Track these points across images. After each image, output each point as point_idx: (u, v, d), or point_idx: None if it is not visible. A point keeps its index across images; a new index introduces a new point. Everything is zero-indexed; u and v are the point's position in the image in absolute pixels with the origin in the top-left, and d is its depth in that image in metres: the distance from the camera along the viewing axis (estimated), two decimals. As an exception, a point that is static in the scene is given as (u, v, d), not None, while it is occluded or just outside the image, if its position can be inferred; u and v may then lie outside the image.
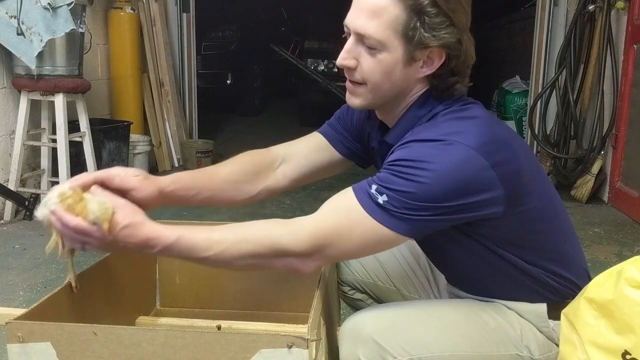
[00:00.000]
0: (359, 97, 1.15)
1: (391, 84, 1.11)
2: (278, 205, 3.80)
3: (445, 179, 1.01)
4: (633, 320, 0.89)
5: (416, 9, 1.04)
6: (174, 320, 1.59)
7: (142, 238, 1.08)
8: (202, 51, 7.61)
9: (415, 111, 1.15)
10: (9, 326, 1.01)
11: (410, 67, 1.09)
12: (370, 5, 1.05)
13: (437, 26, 1.05)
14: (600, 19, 3.88)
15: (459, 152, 1.02)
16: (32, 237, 3.06)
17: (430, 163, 1.02)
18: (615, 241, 3.21)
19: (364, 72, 1.10)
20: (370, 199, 1.04)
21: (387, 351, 1.12)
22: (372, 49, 1.07)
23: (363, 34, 1.07)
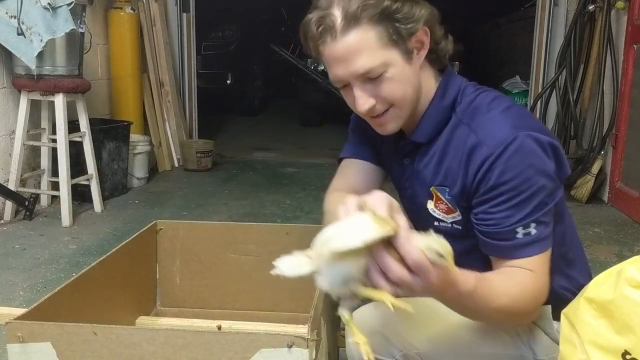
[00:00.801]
0: (391, 121, 1.15)
1: (411, 88, 1.12)
2: (278, 206, 3.80)
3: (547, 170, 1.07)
4: (633, 320, 0.89)
5: (384, 16, 1.05)
6: (174, 320, 1.59)
7: (449, 279, 0.95)
8: (202, 51, 7.61)
9: (438, 103, 1.17)
10: (9, 326, 1.01)
11: (412, 60, 1.11)
12: (348, 49, 1.06)
13: (408, 14, 1.07)
14: (600, 19, 3.88)
15: (531, 142, 1.06)
16: (32, 237, 3.06)
17: (526, 171, 1.05)
18: (615, 241, 3.21)
19: (386, 98, 1.11)
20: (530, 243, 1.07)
21: (393, 345, 1.13)
22: (379, 76, 1.08)
23: (364, 72, 1.07)
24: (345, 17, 1.04)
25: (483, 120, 1.11)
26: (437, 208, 1.19)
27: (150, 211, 3.60)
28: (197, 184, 4.34)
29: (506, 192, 1.06)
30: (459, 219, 1.17)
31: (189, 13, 5.10)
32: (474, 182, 1.09)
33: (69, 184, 3.28)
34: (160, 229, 1.66)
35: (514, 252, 1.08)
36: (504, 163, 1.05)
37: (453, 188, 1.14)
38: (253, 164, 5.18)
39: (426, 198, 1.20)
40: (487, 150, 1.07)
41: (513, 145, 1.05)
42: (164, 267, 1.68)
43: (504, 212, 1.06)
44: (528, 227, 1.06)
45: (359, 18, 1.04)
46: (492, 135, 1.08)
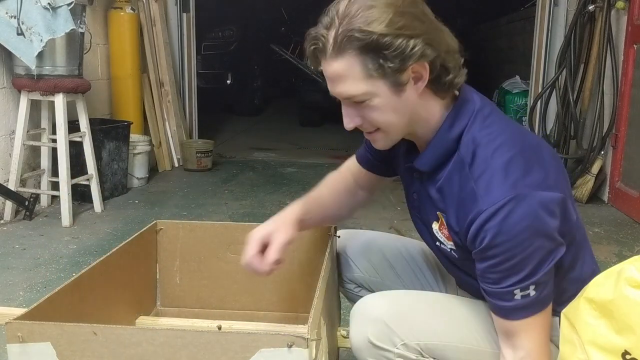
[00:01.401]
0: (380, 140, 1.17)
1: (399, 116, 1.11)
2: (278, 205, 3.80)
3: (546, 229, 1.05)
4: (633, 320, 0.89)
5: (370, 49, 1.03)
6: (174, 320, 1.59)
7: None
8: (202, 51, 7.61)
9: (444, 135, 1.14)
10: (9, 326, 1.01)
11: (404, 92, 1.08)
12: (335, 73, 1.08)
13: (399, 50, 1.03)
14: (600, 19, 3.88)
15: (531, 204, 1.04)
16: (32, 237, 3.06)
17: (521, 234, 1.03)
18: (615, 241, 3.21)
19: (372, 122, 1.12)
20: (528, 306, 1.08)
21: (396, 334, 1.14)
22: (363, 101, 1.09)
23: (347, 97, 1.09)
24: (334, 44, 1.05)
25: (485, 169, 1.08)
26: (441, 231, 1.20)
27: (150, 211, 3.60)
28: (197, 184, 4.34)
29: (500, 254, 1.05)
30: (454, 248, 1.18)
31: (189, 13, 5.09)
32: (467, 234, 1.09)
33: (69, 184, 3.28)
34: (160, 229, 1.66)
35: (511, 313, 1.09)
36: (498, 225, 1.03)
37: (450, 224, 1.15)
38: (253, 164, 5.18)
39: (433, 218, 1.21)
40: (481, 207, 1.05)
41: (507, 207, 1.03)
42: (164, 267, 1.68)
43: (501, 273, 1.07)
44: (526, 290, 1.06)
45: (344, 48, 1.04)
46: (489, 192, 1.05)
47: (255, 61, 8.34)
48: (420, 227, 1.29)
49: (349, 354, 1.77)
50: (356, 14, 1.03)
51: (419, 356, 1.15)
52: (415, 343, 1.15)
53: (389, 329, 1.14)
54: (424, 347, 1.15)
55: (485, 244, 1.05)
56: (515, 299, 1.07)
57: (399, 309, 1.18)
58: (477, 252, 1.08)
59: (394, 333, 1.14)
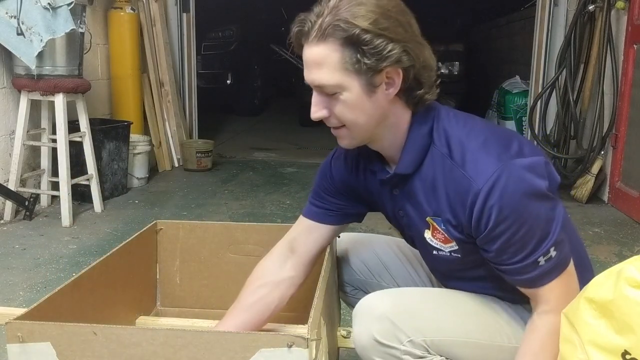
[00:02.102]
0: (345, 138, 1.18)
1: (366, 116, 1.12)
2: (278, 205, 3.80)
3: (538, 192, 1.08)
4: (633, 320, 0.89)
5: (351, 42, 1.06)
6: (174, 320, 1.59)
7: None
8: (202, 51, 7.60)
9: (416, 132, 1.16)
10: (9, 326, 1.01)
11: (375, 94, 1.10)
12: (313, 59, 1.10)
13: (377, 49, 1.06)
14: (600, 19, 3.88)
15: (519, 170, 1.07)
16: (32, 237, 3.06)
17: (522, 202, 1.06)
18: (615, 241, 3.21)
19: (337, 116, 1.13)
20: (553, 268, 1.10)
21: (401, 330, 1.14)
22: (333, 94, 1.11)
23: (319, 85, 1.11)
24: (319, 29, 1.08)
25: (466, 153, 1.11)
26: (435, 237, 1.20)
27: (150, 211, 3.60)
28: (197, 184, 4.34)
29: (510, 227, 1.07)
30: (455, 249, 1.18)
31: (189, 13, 5.09)
32: (471, 220, 1.10)
33: (69, 184, 3.28)
34: (160, 229, 1.66)
35: (537, 281, 1.11)
36: (499, 200, 1.06)
37: (446, 220, 1.16)
38: (253, 164, 5.18)
39: (423, 227, 1.21)
40: (477, 187, 1.08)
41: (502, 178, 1.06)
42: (164, 267, 1.68)
43: (516, 246, 1.08)
44: (548, 253, 1.09)
45: (328, 35, 1.07)
46: (479, 171, 1.08)
47: (255, 61, 8.33)
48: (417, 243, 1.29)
49: (349, 354, 1.77)
50: (345, 7, 1.06)
51: (425, 352, 1.15)
52: (421, 339, 1.15)
53: (395, 326, 1.14)
54: (430, 343, 1.15)
55: (493, 223, 1.07)
56: (540, 266, 1.09)
57: (403, 305, 1.18)
58: (486, 234, 1.09)
59: (399, 330, 1.14)
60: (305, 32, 1.10)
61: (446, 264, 1.23)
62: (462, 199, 1.10)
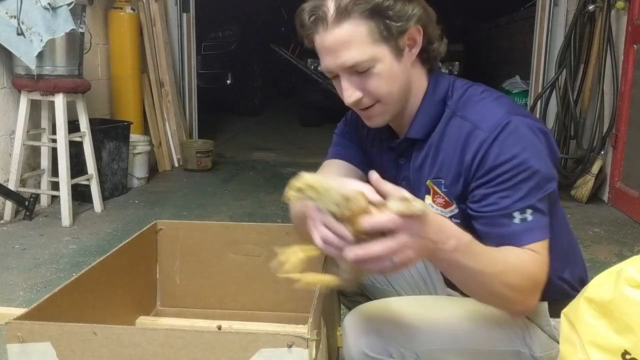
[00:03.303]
0: (378, 116, 1.17)
1: (399, 85, 1.13)
2: (278, 205, 3.80)
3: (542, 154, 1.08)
4: (633, 320, 0.89)
5: (375, 11, 1.07)
6: (174, 320, 1.59)
7: (444, 224, 0.96)
8: (202, 51, 7.60)
9: (430, 98, 1.18)
10: (9, 326, 1.01)
11: (402, 58, 1.12)
12: (338, 40, 1.08)
13: (401, 12, 1.08)
14: (600, 19, 3.88)
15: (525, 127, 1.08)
16: (32, 237, 3.06)
17: (522, 154, 1.06)
18: (615, 241, 3.21)
19: (372, 93, 1.12)
20: (528, 230, 1.07)
21: (390, 344, 1.13)
22: (366, 70, 1.10)
23: (351, 65, 1.09)
24: (338, 9, 1.07)
25: (476, 107, 1.14)
26: (435, 202, 1.20)
27: (150, 211, 3.60)
28: (197, 184, 4.34)
29: (502, 173, 1.07)
30: (456, 212, 1.18)
31: (189, 13, 5.09)
32: (471, 167, 1.10)
33: (69, 184, 3.28)
34: (160, 229, 1.66)
35: (512, 239, 1.07)
36: (500, 145, 1.07)
37: (448, 178, 1.16)
38: (253, 164, 5.18)
39: (424, 193, 1.21)
40: (482, 133, 1.09)
41: (508, 128, 1.07)
42: (164, 267, 1.68)
43: (500, 193, 1.07)
44: (524, 213, 1.06)
45: (351, 11, 1.06)
46: (486, 119, 1.10)
47: (255, 61, 8.33)
48: None
49: None
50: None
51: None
52: (411, 351, 1.13)
53: (383, 339, 1.13)
54: (420, 353, 1.14)
55: (488, 166, 1.08)
56: (514, 222, 1.06)
57: (390, 317, 1.17)
58: (478, 177, 1.09)
59: (388, 343, 1.13)
60: (322, 17, 1.08)
61: None
62: (468, 147, 1.11)
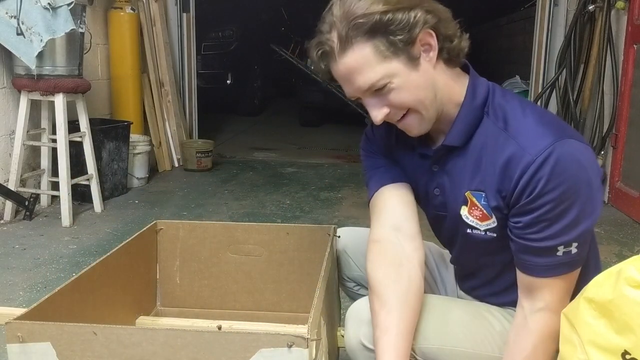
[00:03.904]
0: (415, 124, 1.15)
1: (424, 91, 1.11)
2: (278, 205, 3.80)
3: (588, 179, 1.06)
4: (633, 320, 0.89)
5: (376, 30, 1.06)
6: (174, 320, 1.59)
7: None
8: (202, 51, 7.61)
9: (470, 104, 1.15)
10: (9, 326, 1.01)
11: (420, 65, 1.10)
12: (349, 68, 1.09)
13: (402, 22, 1.06)
14: (600, 19, 3.88)
15: (575, 151, 1.06)
16: (32, 237, 3.06)
17: (570, 179, 1.04)
18: (615, 241, 3.21)
19: (399, 104, 1.11)
20: (567, 263, 1.08)
21: None
22: (384, 87, 1.09)
23: (369, 87, 1.09)
24: (340, 39, 1.07)
25: (522, 126, 1.09)
26: (471, 214, 1.17)
27: (150, 211, 3.60)
28: (197, 184, 4.34)
29: (550, 201, 1.04)
30: (493, 226, 1.15)
31: (189, 13, 5.09)
32: (515, 190, 1.07)
33: (69, 184, 3.28)
34: (161, 229, 1.66)
35: (545, 271, 1.08)
36: (550, 172, 1.03)
37: (489, 194, 1.12)
38: (253, 164, 5.18)
39: (460, 204, 1.18)
40: (530, 158, 1.05)
41: (556, 152, 1.04)
42: (164, 267, 1.68)
43: (546, 222, 1.06)
44: (569, 246, 1.07)
45: (352, 37, 1.06)
46: (534, 143, 1.06)
47: (255, 61, 8.34)
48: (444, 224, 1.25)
49: (348, 354, 1.77)
50: (352, 6, 1.06)
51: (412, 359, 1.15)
52: None
53: None
54: (417, 350, 1.15)
55: (536, 193, 1.05)
56: (556, 255, 1.07)
57: None
58: (525, 203, 1.07)
59: None
60: (328, 51, 1.10)
61: (477, 246, 1.19)
62: (511, 170, 1.08)
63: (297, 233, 1.62)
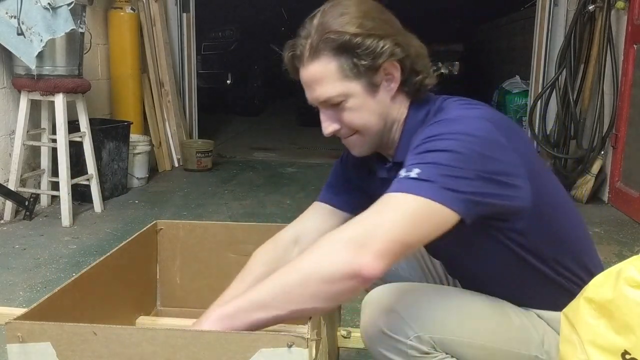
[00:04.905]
0: (357, 145, 1.21)
1: (376, 117, 1.16)
2: (278, 206, 3.80)
3: (468, 140, 1.03)
4: (632, 320, 0.89)
5: (344, 49, 1.11)
6: (174, 320, 1.59)
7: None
8: (202, 51, 7.61)
9: (412, 119, 1.18)
10: (9, 326, 1.01)
11: (379, 93, 1.15)
12: (312, 77, 1.14)
13: (370, 49, 1.10)
14: (600, 19, 3.88)
15: (475, 121, 1.07)
16: (32, 237, 3.06)
17: (449, 133, 1.04)
18: (615, 241, 3.21)
19: (348, 124, 1.17)
20: (408, 180, 1.01)
21: (409, 325, 1.14)
22: (339, 103, 1.14)
23: (325, 99, 1.15)
24: (310, 47, 1.13)
25: (442, 114, 1.13)
26: None
27: (150, 211, 3.60)
28: (197, 184, 4.34)
29: (417, 147, 1.05)
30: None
31: (189, 13, 5.10)
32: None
33: (69, 184, 3.29)
34: (161, 229, 1.66)
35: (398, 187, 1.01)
36: (433, 127, 1.07)
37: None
38: (253, 164, 5.19)
39: None
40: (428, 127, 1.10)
41: (450, 120, 1.08)
42: (164, 267, 1.68)
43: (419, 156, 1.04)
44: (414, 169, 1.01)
45: (321, 49, 1.12)
46: (431, 120, 1.12)
47: (255, 61, 8.34)
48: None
49: (349, 354, 1.78)
50: (330, 20, 1.12)
51: (431, 349, 1.15)
52: (428, 336, 1.14)
53: (403, 321, 1.14)
54: (437, 340, 1.15)
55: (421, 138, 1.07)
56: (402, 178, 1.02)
57: (413, 301, 1.17)
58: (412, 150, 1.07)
59: (407, 325, 1.13)
60: (298, 55, 1.15)
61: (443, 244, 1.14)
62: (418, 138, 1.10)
63: None
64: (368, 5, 1.14)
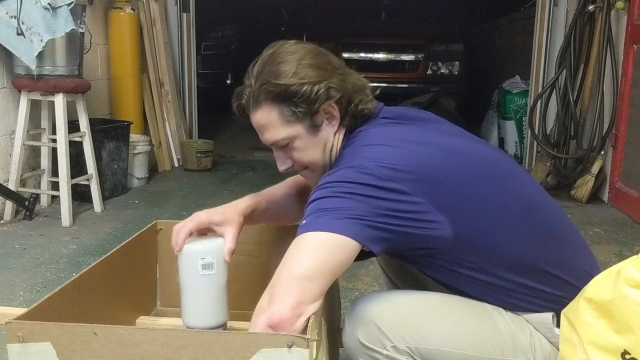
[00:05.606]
0: (310, 177, 1.32)
1: (320, 152, 1.25)
2: (278, 205, 3.80)
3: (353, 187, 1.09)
4: (632, 320, 0.89)
5: (281, 98, 1.19)
6: (174, 320, 1.59)
7: None
8: (202, 51, 7.60)
9: (341, 150, 1.27)
10: (9, 326, 1.01)
11: (320, 131, 1.23)
12: (258, 123, 1.24)
13: (305, 96, 1.18)
14: (600, 19, 3.88)
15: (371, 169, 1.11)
16: (32, 237, 3.06)
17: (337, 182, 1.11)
18: (615, 241, 3.21)
19: (298, 161, 1.27)
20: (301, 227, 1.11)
21: (385, 336, 1.15)
22: (287, 145, 1.24)
23: (273, 142, 1.25)
24: (252, 98, 1.23)
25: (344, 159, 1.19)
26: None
27: (150, 211, 3.60)
28: (197, 184, 4.35)
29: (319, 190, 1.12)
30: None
31: (189, 13, 5.10)
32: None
33: (69, 184, 3.29)
34: (160, 229, 1.66)
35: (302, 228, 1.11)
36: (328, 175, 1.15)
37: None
38: (253, 164, 5.19)
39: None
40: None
41: (342, 168, 1.13)
42: (164, 267, 1.68)
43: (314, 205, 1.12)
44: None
45: (262, 99, 1.21)
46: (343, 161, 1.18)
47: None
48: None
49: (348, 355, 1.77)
50: (267, 71, 1.20)
51: (409, 358, 1.15)
52: (405, 346, 1.14)
53: (379, 331, 1.15)
54: (414, 350, 1.15)
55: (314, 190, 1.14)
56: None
57: (392, 311, 1.17)
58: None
59: (383, 335, 1.14)
60: (244, 104, 1.26)
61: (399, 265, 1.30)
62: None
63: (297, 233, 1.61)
64: (303, 52, 1.21)
